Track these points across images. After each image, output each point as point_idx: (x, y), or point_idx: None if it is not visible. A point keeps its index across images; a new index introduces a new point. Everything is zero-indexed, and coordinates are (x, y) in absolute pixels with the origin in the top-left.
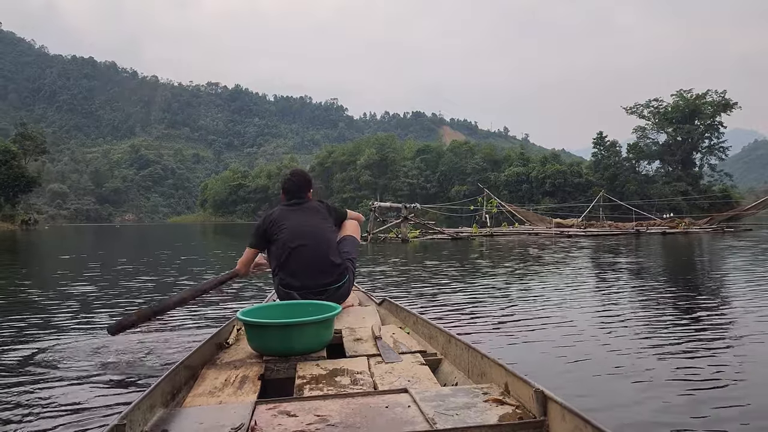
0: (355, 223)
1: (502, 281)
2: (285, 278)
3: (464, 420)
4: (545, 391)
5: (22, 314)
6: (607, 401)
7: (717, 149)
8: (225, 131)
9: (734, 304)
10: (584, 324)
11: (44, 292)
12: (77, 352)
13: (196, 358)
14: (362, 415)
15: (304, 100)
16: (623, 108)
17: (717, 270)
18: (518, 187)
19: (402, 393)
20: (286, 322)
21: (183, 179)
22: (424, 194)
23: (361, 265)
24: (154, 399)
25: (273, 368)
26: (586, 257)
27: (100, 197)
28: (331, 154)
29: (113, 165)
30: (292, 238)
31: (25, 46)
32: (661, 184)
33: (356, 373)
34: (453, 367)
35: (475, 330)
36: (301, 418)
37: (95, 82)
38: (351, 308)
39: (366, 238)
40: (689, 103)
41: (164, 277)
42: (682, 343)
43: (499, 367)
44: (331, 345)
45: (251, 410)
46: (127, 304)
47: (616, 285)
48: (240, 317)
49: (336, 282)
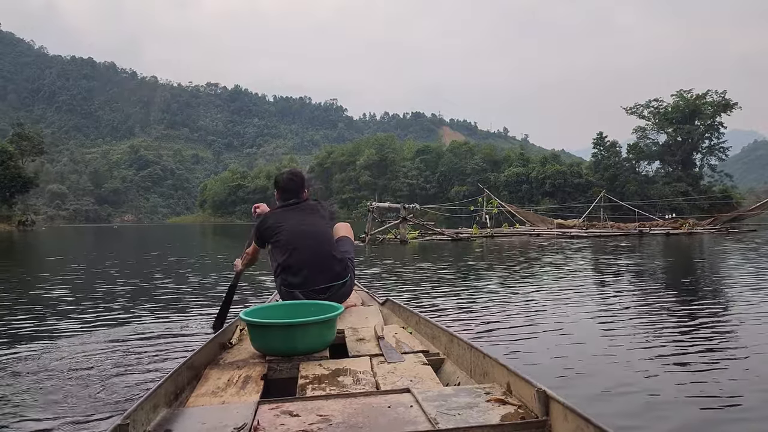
0: (347, 224)
1: (504, 283)
2: (288, 278)
3: (466, 420)
4: (547, 391)
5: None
6: (610, 402)
7: (717, 150)
8: (224, 132)
9: (739, 307)
10: (587, 325)
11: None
12: (75, 354)
13: (199, 358)
14: (365, 415)
15: (303, 101)
16: (623, 108)
17: (721, 271)
18: (518, 187)
19: (404, 393)
20: (289, 322)
21: (182, 180)
22: (423, 195)
23: (358, 266)
24: (157, 399)
25: (276, 368)
26: (589, 258)
27: (100, 198)
28: (331, 154)
29: (112, 165)
30: (293, 238)
31: (24, 47)
32: (661, 185)
33: (359, 373)
34: (455, 367)
35: (478, 332)
36: (303, 418)
37: (94, 83)
38: (354, 308)
39: (363, 239)
40: (689, 103)
41: (144, 281)
42: (686, 347)
43: (501, 367)
44: (334, 345)
45: (254, 410)
46: (95, 309)
47: (620, 287)
48: (243, 317)
49: (339, 279)
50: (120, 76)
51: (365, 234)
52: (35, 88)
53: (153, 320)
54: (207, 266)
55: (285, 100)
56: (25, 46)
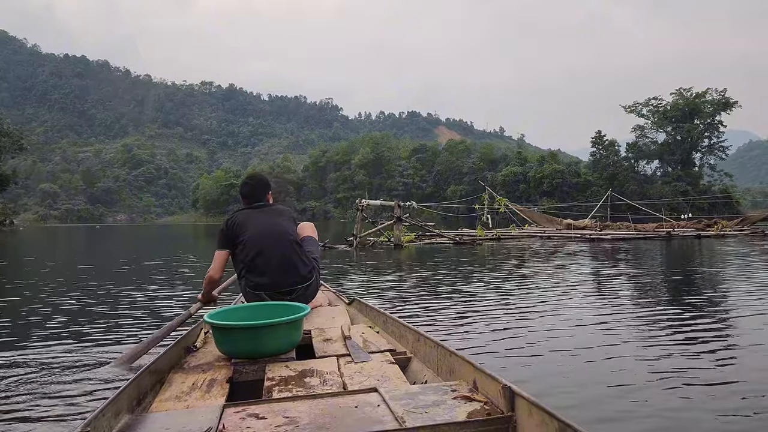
0: (311, 224)
1: (539, 300)
2: (253, 279)
3: (433, 417)
4: (512, 387)
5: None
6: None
7: (717, 149)
8: (219, 131)
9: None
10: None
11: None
12: (34, 361)
13: (163, 362)
14: (331, 416)
15: (299, 100)
16: (622, 106)
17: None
18: (515, 186)
19: (371, 392)
20: (255, 324)
21: (176, 179)
22: (419, 194)
23: (341, 276)
24: (119, 405)
25: (242, 371)
26: (633, 267)
27: (92, 197)
28: (325, 153)
29: (105, 165)
30: (257, 239)
31: (17, 45)
32: (660, 184)
33: (325, 373)
34: (422, 365)
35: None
36: (269, 420)
37: (88, 81)
38: (320, 308)
39: (351, 243)
40: (689, 101)
41: (87, 288)
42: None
43: (467, 364)
44: (301, 346)
45: (219, 414)
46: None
47: (688, 308)
48: (207, 320)
49: (304, 281)
50: (114, 74)
51: (353, 236)
52: (28, 86)
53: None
54: (172, 273)
55: (280, 99)
56: (18, 44)
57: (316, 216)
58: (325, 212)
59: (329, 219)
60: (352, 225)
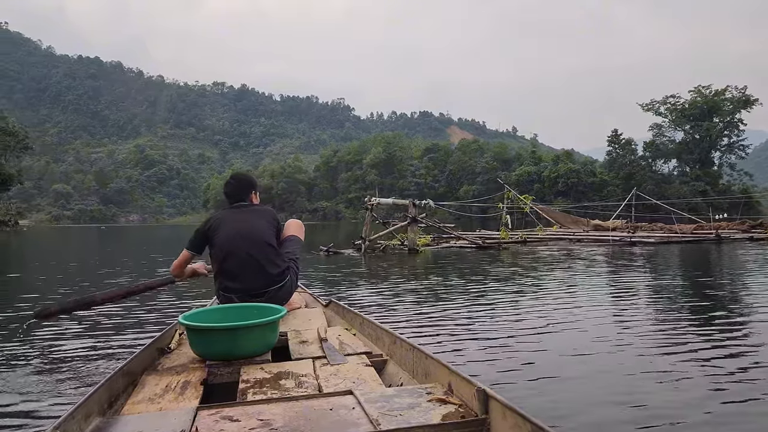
0: (299, 222)
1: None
2: (224, 281)
3: (408, 420)
4: (487, 390)
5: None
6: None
7: (737, 147)
8: (231, 131)
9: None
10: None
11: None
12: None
13: (136, 363)
14: (306, 418)
15: (310, 100)
16: (639, 105)
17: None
18: (529, 186)
19: (347, 395)
20: (231, 326)
21: (188, 179)
22: (432, 194)
23: (346, 289)
24: (90, 407)
25: (216, 373)
26: (736, 281)
27: (105, 198)
28: (337, 153)
29: (118, 165)
30: (228, 241)
31: (32, 46)
32: (678, 184)
33: (301, 375)
34: (398, 367)
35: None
36: (243, 423)
37: (101, 82)
38: (297, 310)
39: (359, 247)
40: (707, 99)
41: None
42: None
43: (442, 367)
44: (277, 348)
45: (192, 416)
46: None
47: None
48: (182, 321)
49: (275, 284)
50: (126, 75)
51: (362, 240)
52: (42, 87)
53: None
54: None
55: (292, 99)
56: (33, 45)
57: (327, 216)
58: (336, 212)
59: (340, 219)
60: (363, 226)
